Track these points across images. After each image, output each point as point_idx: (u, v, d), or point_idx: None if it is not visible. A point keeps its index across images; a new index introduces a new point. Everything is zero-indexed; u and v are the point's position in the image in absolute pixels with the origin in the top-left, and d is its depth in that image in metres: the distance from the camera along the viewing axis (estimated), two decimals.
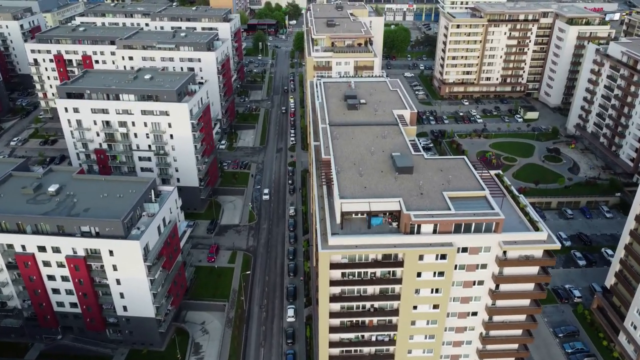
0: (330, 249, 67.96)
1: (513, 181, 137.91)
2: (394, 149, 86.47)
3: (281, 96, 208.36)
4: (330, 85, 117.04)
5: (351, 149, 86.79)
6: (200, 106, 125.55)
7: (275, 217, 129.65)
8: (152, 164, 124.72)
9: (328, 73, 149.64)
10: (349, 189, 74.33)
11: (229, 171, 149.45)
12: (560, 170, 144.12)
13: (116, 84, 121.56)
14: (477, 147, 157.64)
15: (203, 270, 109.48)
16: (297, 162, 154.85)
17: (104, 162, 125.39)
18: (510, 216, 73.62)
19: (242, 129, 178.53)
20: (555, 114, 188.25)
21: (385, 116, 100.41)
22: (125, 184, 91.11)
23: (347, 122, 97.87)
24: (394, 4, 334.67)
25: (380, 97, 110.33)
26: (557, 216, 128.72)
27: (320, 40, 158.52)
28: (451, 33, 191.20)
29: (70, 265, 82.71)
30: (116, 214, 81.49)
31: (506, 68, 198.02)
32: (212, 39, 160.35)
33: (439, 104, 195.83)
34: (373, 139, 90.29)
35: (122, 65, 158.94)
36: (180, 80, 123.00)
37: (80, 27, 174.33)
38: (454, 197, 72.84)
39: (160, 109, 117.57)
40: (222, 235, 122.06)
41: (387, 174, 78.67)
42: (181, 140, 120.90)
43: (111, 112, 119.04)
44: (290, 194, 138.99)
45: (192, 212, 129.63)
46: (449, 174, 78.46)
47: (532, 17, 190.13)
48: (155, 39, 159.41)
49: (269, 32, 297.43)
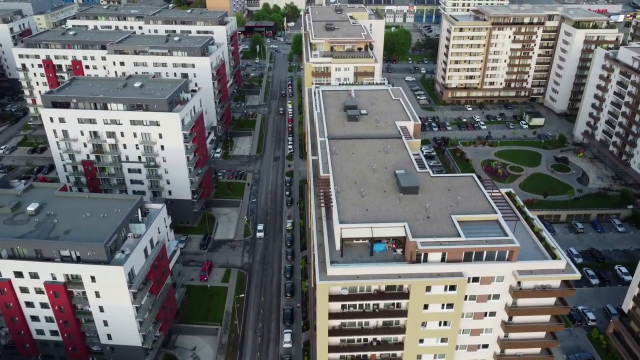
0: (329, 280, 62.23)
1: (520, 192, 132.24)
2: (397, 166, 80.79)
3: (279, 101, 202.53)
4: (329, 94, 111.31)
5: (351, 166, 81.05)
6: (193, 115, 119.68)
7: (272, 230, 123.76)
8: (142, 176, 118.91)
9: (327, 79, 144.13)
10: (350, 211, 68.57)
11: (224, 182, 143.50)
12: (569, 180, 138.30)
13: (104, 92, 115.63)
14: (481, 155, 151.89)
15: (195, 290, 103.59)
16: (295, 171, 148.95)
17: (91, 174, 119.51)
18: (524, 241, 67.91)
19: (238, 136, 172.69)
20: (561, 119, 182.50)
21: (387, 128, 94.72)
22: (110, 202, 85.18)
23: (347, 135, 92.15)
24: (394, 5, 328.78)
25: (381, 106, 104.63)
26: (566, 230, 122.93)
27: (318, 44, 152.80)
28: (454, 36, 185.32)
29: (49, 291, 76.86)
30: (99, 237, 75.65)
31: (510, 72, 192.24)
32: (206, 44, 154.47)
33: (441, 110, 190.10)
34: (375, 154, 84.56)
35: (113, 71, 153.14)
36: (171, 88, 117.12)
37: (71, 31, 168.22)
38: (464, 221, 67.19)
39: (151, 119, 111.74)
40: (216, 251, 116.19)
41: (391, 194, 72.92)
42: (172, 152, 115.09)
43: (99, 122, 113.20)
44: (287, 206, 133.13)
45: (185, 225, 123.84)
46: (457, 194, 72.76)
47: (537, 20, 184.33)
48: (147, 44, 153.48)
49: (267, 35, 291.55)
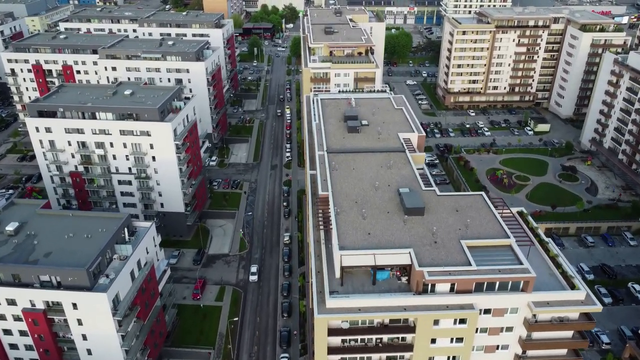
0: (328, 314, 57.05)
1: (527, 203, 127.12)
2: (401, 183, 75.63)
3: (277, 106, 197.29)
4: (328, 102, 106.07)
5: (352, 183, 75.87)
6: (186, 124, 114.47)
7: (268, 245, 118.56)
8: (133, 188, 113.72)
9: (326, 85, 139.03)
10: (350, 236, 63.40)
11: (220, 192, 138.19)
12: (578, 190, 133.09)
13: (93, 100, 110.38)
14: (486, 163, 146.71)
15: (187, 310, 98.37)
16: (293, 180, 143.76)
17: (80, 186, 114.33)
18: (539, 267, 62.81)
19: (234, 143, 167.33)
20: (567, 125, 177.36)
21: (389, 140, 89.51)
22: (95, 220, 79.99)
23: (347, 148, 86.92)
24: (394, 6, 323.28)
25: (383, 116, 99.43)
26: (576, 244, 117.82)
27: (317, 49, 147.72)
28: (457, 40, 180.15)
29: (28, 319, 71.65)
30: (81, 261, 70.45)
31: (514, 77, 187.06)
32: (201, 48, 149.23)
33: (443, 115, 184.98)
34: (377, 170, 79.39)
35: (104, 77, 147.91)
36: (163, 96, 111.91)
37: (62, 35, 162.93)
38: (474, 247, 62.06)
39: (141, 128, 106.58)
40: (210, 267, 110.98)
41: (395, 216, 67.76)
42: (164, 163, 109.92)
43: (87, 132, 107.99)
44: (285, 217, 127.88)
45: (178, 239, 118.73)
46: (466, 215, 67.62)
47: (542, 23, 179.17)
48: (140, 48, 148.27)
49: (265, 37, 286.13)
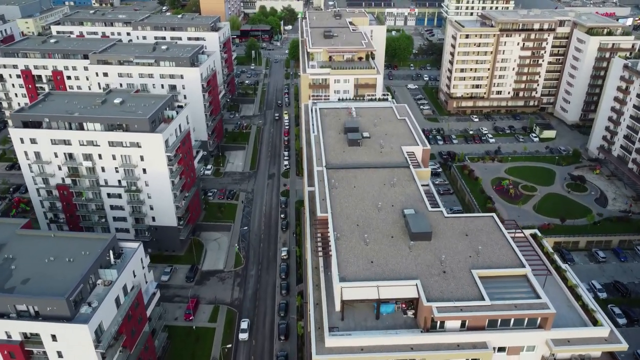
0: (327, 354, 51.90)
1: (535, 216, 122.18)
2: (405, 203, 70.55)
3: (274, 111, 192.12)
4: (327, 112, 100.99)
5: (353, 203, 70.77)
6: (179, 134, 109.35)
7: (265, 260, 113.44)
8: (123, 202, 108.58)
9: (325, 91, 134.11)
10: (352, 265, 58.31)
11: (215, 202, 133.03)
12: (587, 201, 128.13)
13: (80, 109, 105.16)
14: (491, 172, 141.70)
15: (179, 332, 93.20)
16: (291, 190, 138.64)
17: (67, 200, 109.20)
18: (557, 299, 57.71)
19: (231, 150, 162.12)
20: (573, 131, 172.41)
21: (392, 154, 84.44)
22: (79, 242, 74.85)
23: (348, 163, 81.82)
24: (394, 8, 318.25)
25: (386, 127, 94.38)
26: (586, 259, 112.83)
27: (316, 53, 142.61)
28: (459, 43, 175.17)
29: (3, 351, 66.45)
30: (62, 288, 65.36)
31: (519, 81, 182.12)
32: (196, 53, 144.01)
33: (446, 121, 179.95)
34: (380, 188, 74.29)
35: (95, 83, 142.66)
36: (155, 104, 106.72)
37: (52, 39, 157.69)
38: (486, 277, 56.99)
39: (131, 139, 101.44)
40: (204, 284, 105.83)
41: (399, 241, 62.66)
42: (155, 176, 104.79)
43: (74, 144, 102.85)
44: (282, 230, 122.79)
45: (170, 254, 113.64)
46: (476, 240, 62.52)
47: (547, 26, 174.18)
48: (132, 53, 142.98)
49: (263, 39, 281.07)
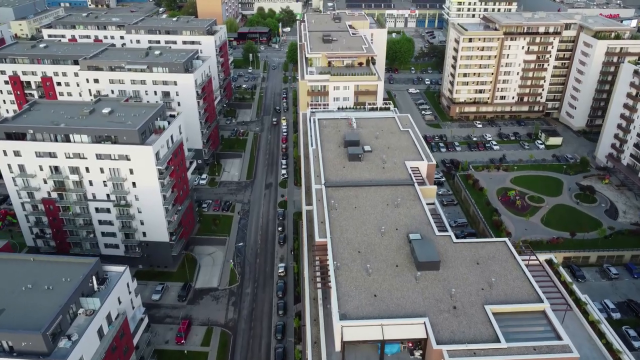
0: None
1: (543, 229, 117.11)
2: (410, 226, 65.51)
3: (272, 116, 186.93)
4: (326, 123, 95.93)
5: (354, 226, 65.71)
6: (171, 145, 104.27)
7: (261, 277, 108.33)
8: (112, 217, 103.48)
9: (324, 99, 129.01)
10: (353, 299, 53.25)
11: (209, 214, 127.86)
12: (597, 213, 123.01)
13: (67, 120, 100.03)
14: (496, 182, 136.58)
15: (169, 358, 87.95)
16: (289, 201, 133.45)
17: (54, 214, 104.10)
18: (577, 335, 52.87)
19: (227, 158, 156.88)
20: (580, 138, 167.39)
21: (396, 170, 79.41)
22: (59, 266, 69.96)
23: (348, 180, 76.80)
24: (394, 9, 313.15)
25: (388, 140, 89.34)
26: (598, 275, 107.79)
27: (315, 59, 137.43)
28: (462, 47, 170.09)
29: None
30: (38, 321, 60.39)
31: (523, 86, 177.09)
32: (190, 58, 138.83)
33: (449, 127, 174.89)
34: (382, 209, 69.25)
35: (86, 89, 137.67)
36: (145, 114, 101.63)
37: (42, 44, 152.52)
38: (500, 313, 51.98)
39: (119, 152, 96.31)
40: (197, 304, 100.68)
41: (405, 270, 57.62)
42: (146, 190, 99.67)
43: (60, 156, 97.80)
44: (279, 244, 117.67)
45: (162, 270, 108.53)
46: (488, 270, 57.48)
47: (553, 29, 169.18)
48: (124, 59, 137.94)
49: (261, 41, 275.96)
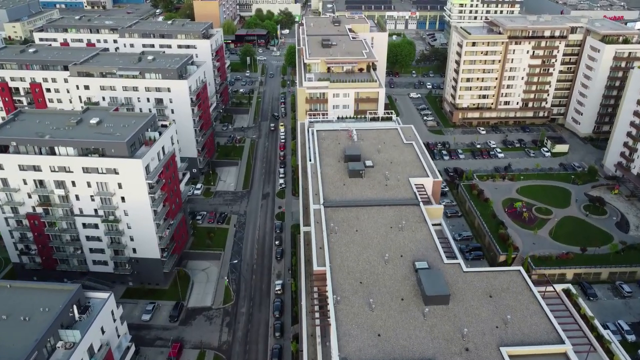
0: None
1: (551, 243, 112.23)
2: (416, 252, 60.57)
3: (269, 122, 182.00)
4: (325, 135, 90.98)
5: (356, 253, 60.74)
6: (162, 158, 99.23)
7: (257, 295, 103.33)
8: (100, 232, 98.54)
9: (323, 106, 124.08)
10: (355, 340, 48.27)
11: (204, 227, 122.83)
12: (607, 226, 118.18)
13: (53, 131, 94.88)
14: (501, 192, 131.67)
15: None
16: (287, 213, 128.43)
17: (39, 230, 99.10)
18: None
19: (223, 166, 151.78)
20: (586, 145, 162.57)
21: (399, 188, 74.46)
22: (38, 294, 65.01)
23: (349, 199, 71.84)
24: (395, 11, 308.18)
25: (391, 154, 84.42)
26: (610, 293, 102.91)
27: (314, 64, 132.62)
28: (466, 52, 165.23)
29: None
30: (11, 357, 55.35)
31: (528, 91, 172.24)
32: (184, 64, 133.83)
33: (451, 133, 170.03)
34: (386, 232, 64.30)
35: (76, 96, 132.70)
36: (135, 125, 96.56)
37: (31, 49, 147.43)
38: (518, 356, 47.10)
39: (107, 166, 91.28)
40: (189, 324, 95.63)
41: (411, 305, 52.67)
42: (135, 204, 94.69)
43: (44, 170, 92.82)
44: (277, 259, 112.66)
45: (154, 288, 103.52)
46: (503, 305, 52.50)
47: (559, 33, 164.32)
48: (116, 64, 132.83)
49: (259, 44, 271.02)
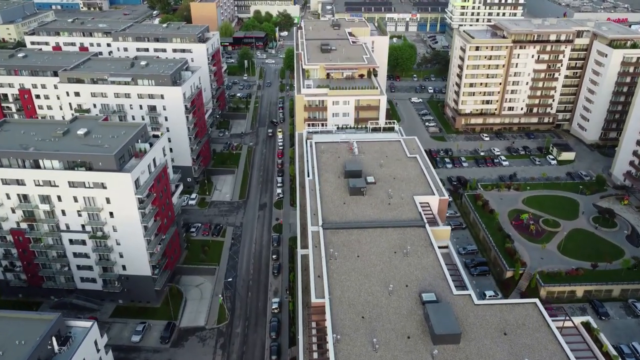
0: None
1: (560, 258, 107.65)
2: (423, 281, 55.92)
3: (267, 128, 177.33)
4: (325, 148, 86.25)
5: (357, 282, 56.06)
6: (153, 170, 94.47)
7: (253, 314, 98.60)
8: (88, 249, 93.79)
9: (322, 114, 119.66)
10: None
11: (198, 240, 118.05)
12: (618, 239, 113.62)
13: (38, 143, 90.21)
14: (507, 203, 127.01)
15: None
16: (284, 224, 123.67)
17: (23, 246, 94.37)
18: None
19: (218, 175, 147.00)
20: (593, 152, 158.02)
21: (403, 207, 69.77)
22: (14, 325, 60.23)
23: (349, 220, 67.12)
24: (395, 13, 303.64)
25: (394, 169, 79.75)
26: (622, 312, 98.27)
27: (312, 70, 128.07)
28: (469, 56, 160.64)
29: None
30: None
31: (533, 96, 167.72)
32: (178, 70, 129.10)
33: (454, 140, 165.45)
34: (389, 258, 59.62)
35: (66, 103, 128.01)
36: (125, 136, 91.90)
37: (20, 53, 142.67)
38: None
39: (94, 180, 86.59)
40: (181, 346, 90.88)
41: (418, 343, 48.01)
42: (124, 220, 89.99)
43: (28, 184, 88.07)
44: (274, 274, 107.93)
45: (145, 306, 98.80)
46: (519, 343, 47.83)
47: (564, 37, 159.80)
48: (107, 70, 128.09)
49: (257, 46, 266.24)
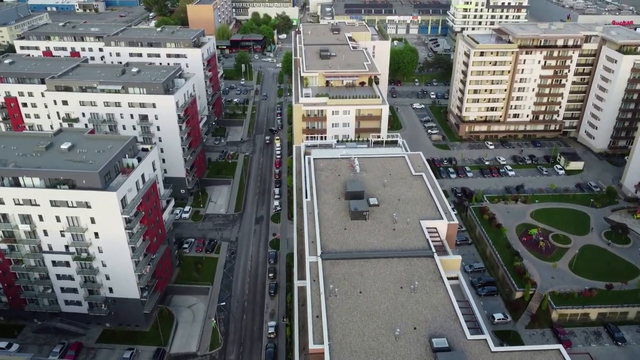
0: None
1: (572, 277, 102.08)
2: (432, 322, 50.39)
3: (265, 135, 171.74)
4: (324, 166, 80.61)
5: (360, 323, 50.53)
6: (141, 187, 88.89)
7: (248, 339, 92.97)
8: (72, 271, 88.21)
9: (322, 124, 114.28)
10: None
11: (191, 256, 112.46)
12: (632, 257, 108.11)
13: (18, 158, 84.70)
14: (514, 217, 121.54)
15: None
16: (282, 240, 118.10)
17: (3, 268, 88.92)
18: None
19: (214, 185, 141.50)
20: (602, 161, 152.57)
21: (409, 234, 64.21)
22: None
23: (351, 249, 61.56)
24: (396, 15, 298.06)
25: (398, 189, 74.21)
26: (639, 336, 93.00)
27: (311, 78, 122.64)
28: (473, 62, 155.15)
29: None
30: None
31: (539, 103, 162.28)
32: (171, 77, 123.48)
33: (458, 148, 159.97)
34: (395, 294, 54.12)
35: (54, 112, 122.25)
36: (111, 151, 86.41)
37: (7, 59, 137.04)
38: None
39: (78, 199, 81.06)
40: None
41: None
42: (110, 241, 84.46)
43: (7, 203, 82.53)
44: (270, 295, 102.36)
45: (133, 330, 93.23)
46: None
47: (572, 42, 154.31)
48: (97, 78, 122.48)
49: (255, 49, 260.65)
